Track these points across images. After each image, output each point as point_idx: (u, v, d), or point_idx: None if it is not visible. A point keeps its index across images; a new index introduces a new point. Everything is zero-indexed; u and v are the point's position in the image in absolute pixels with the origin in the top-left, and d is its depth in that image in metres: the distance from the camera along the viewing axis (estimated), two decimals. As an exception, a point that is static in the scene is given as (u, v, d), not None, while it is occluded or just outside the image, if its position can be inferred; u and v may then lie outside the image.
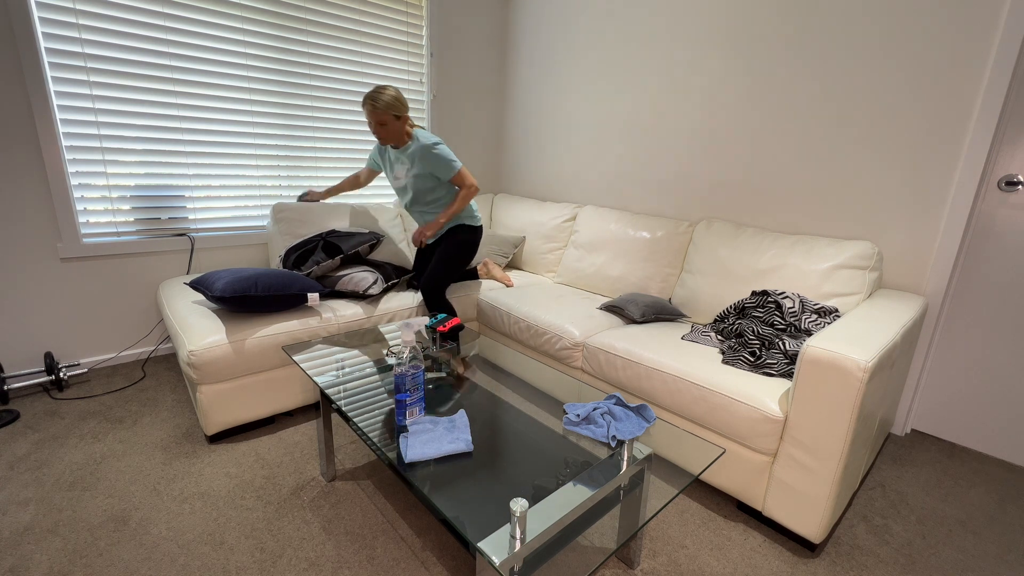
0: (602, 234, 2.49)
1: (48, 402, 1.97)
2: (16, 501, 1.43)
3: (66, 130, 2.03)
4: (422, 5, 2.90)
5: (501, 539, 0.86)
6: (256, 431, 1.84)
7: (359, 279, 2.06)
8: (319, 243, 2.15)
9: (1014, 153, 1.69)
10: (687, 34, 2.32)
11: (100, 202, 2.16)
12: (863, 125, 1.87)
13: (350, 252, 2.12)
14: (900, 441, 1.95)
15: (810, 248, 1.84)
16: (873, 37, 1.80)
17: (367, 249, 2.26)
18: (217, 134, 2.37)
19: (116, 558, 1.25)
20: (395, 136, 2.08)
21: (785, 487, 1.34)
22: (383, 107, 1.98)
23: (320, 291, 1.91)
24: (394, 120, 2.03)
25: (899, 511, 1.55)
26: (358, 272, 2.10)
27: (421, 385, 1.22)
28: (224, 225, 2.51)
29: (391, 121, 2.02)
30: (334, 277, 2.09)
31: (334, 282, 2.08)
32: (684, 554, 1.34)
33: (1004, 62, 1.58)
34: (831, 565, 1.32)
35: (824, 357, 1.24)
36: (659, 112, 2.49)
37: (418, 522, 1.41)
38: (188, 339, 1.64)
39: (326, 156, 2.74)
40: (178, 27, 2.17)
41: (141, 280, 2.32)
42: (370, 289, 2.04)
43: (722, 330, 1.82)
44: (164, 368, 2.31)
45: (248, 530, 1.36)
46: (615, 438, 1.17)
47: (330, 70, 2.64)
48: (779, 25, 2.02)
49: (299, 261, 2.09)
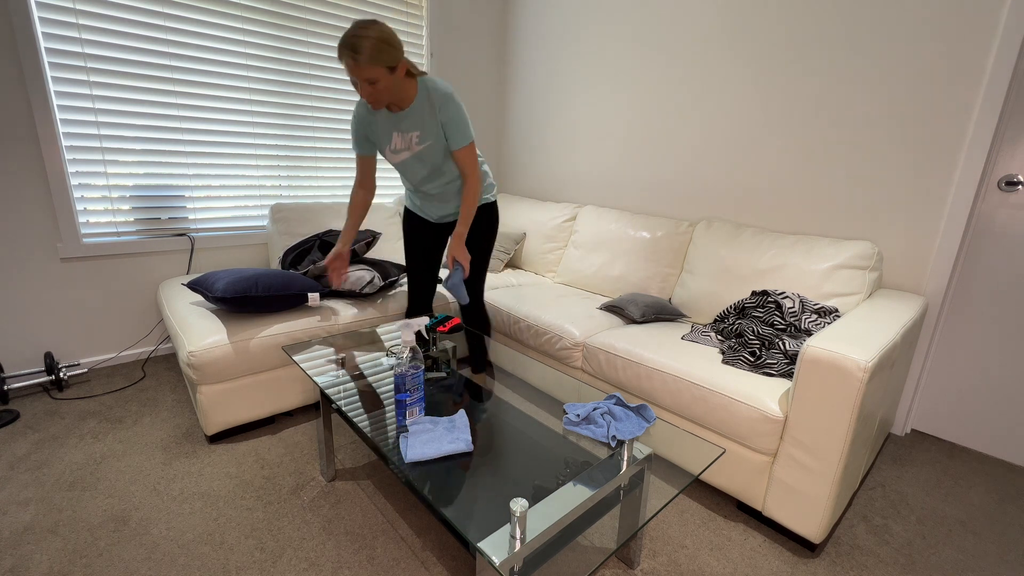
0: (602, 234, 2.49)
1: (48, 402, 1.97)
2: (16, 501, 1.43)
3: (66, 130, 2.03)
4: (422, 5, 2.90)
5: (501, 539, 0.86)
6: (256, 431, 1.84)
7: (356, 278, 2.04)
8: (316, 243, 2.14)
9: (1014, 153, 1.69)
10: (688, 35, 2.32)
11: (100, 202, 2.16)
12: (863, 125, 1.87)
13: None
14: (900, 441, 1.95)
15: (810, 248, 1.84)
16: (873, 37, 1.80)
17: (364, 247, 2.22)
18: (217, 134, 2.37)
19: (116, 558, 1.25)
20: (393, 94, 1.50)
21: (785, 487, 1.34)
22: (367, 60, 1.38)
23: (320, 291, 1.91)
24: (386, 74, 1.43)
25: (899, 511, 1.55)
26: (355, 271, 2.09)
27: (421, 385, 1.22)
28: (224, 225, 2.51)
29: (383, 76, 1.43)
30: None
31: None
32: (684, 554, 1.34)
33: (1004, 62, 1.57)
34: (831, 565, 1.32)
35: (824, 357, 1.24)
36: (659, 112, 2.49)
37: (418, 522, 1.41)
38: (188, 339, 1.64)
39: (326, 156, 2.74)
40: (178, 27, 2.17)
41: (141, 280, 2.32)
42: (366, 287, 2.03)
43: (722, 330, 1.82)
44: (164, 368, 2.31)
45: (248, 530, 1.36)
46: (615, 438, 1.17)
47: (330, 70, 2.64)
48: (779, 25, 2.02)
49: (296, 261, 2.08)
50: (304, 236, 2.40)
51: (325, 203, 2.55)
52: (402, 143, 1.64)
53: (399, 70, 1.46)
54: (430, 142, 1.61)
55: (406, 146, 1.64)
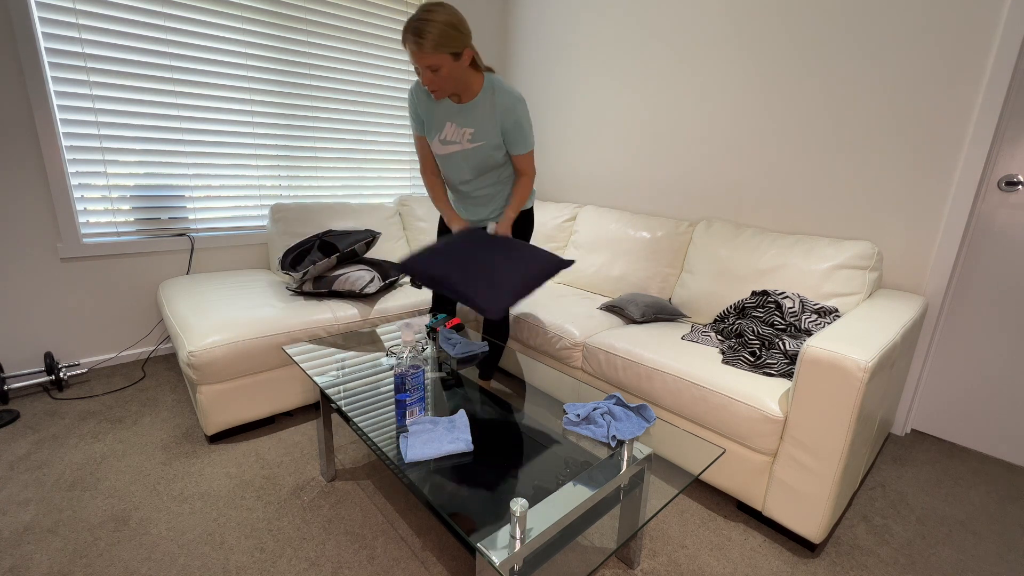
0: (602, 234, 2.49)
1: (48, 402, 1.97)
2: (16, 501, 1.43)
3: (66, 130, 2.03)
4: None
5: (501, 539, 0.86)
6: (256, 431, 1.84)
7: (355, 278, 2.04)
8: (316, 243, 2.13)
9: (1014, 153, 1.69)
10: (688, 34, 2.32)
11: (100, 202, 2.16)
12: (863, 125, 1.87)
13: (346, 250, 2.08)
14: (900, 441, 1.95)
15: (810, 248, 1.84)
16: (874, 37, 1.80)
17: (363, 247, 2.20)
18: (217, 134, 2.37)
19: (116, 558, 1.25)
20: (456, 83, 1.42)
21: (785, 487, 1.34)
22: (432, 47, 1.30)
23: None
24: (451, 61, 1.36)
25: (899, 511, 1.55)
26: (354, 271, 2.08)
27: (421, 385, 1.22)
28: (224, 225, 2.51)
29: (447, 64, 1.35)
30: (331, 277, 2.08)
31: (331, 282, 2.06)
32: (684, 554, 1.34)
33: (1004, 62, 1.57)
34: (831, 565, 1.32)
35: (824, 357, 1.24)
36: (660, 112, 2.49)
37: (418, 522, 1.41)
38: (188, 339, 1.64)
39: (326, 156, 2.75)
40: (178, 27, 2.17)
41: (141, 280, 2.32)
42: (367, 288, 2.03)
43: (722, 330, 1.82)
44: (164, 368, 2.31)
45: (248, 530, 1.36)
46: (615, 438, 1.17)
47: (330, 70, 2.64)
48: (779, 25, 2.02)
49: (296, 261, 2.08)
50: (304, 236, 2.40)
51: (325, 203, 2.55)
52: (454, 136, 1.56)
53: (464, 58, 1.38)
54: (482, 143, 1.54)
55: (457, 140, 1.56)
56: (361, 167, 2.90)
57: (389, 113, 2.93)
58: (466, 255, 1.38)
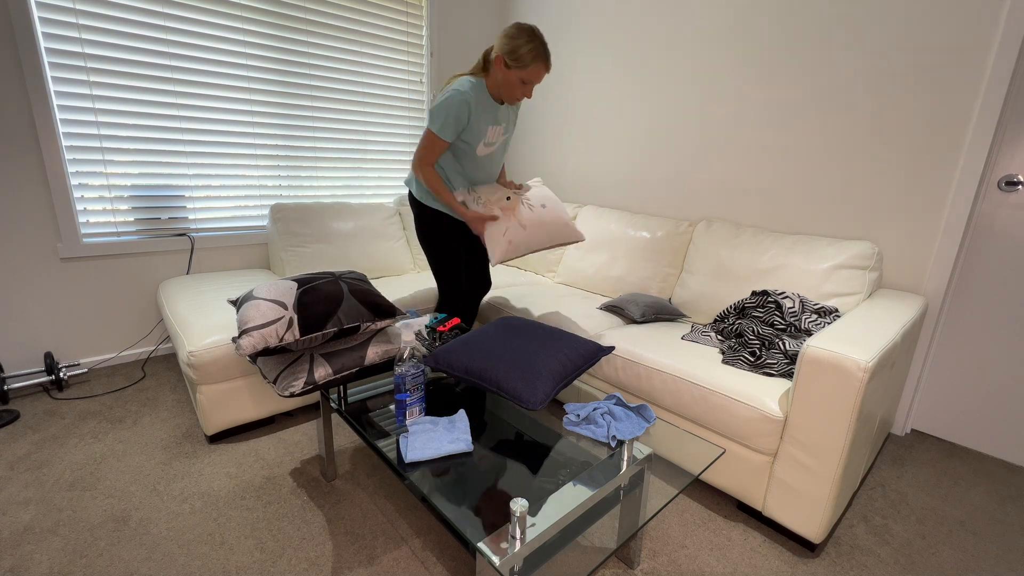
0: (602, 234, 2.49)
1: (48, 402, 1.97)
2: (16, 501, 1.43)
3: (66, 130, 2.03)
4: (422, 5, 2.90)
5: (501, 539, 0.86)
6: (256, 431, 1.84)
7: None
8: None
9: (1014, 153, 1.69)
10: (688, 35, 2.32)
11: (100, 202, 2.16)
12: (863, 125, 1.87)
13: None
14: (900, 441, 1.95)
15: (810, 248, 1.84)
16: (874, 37, 1.80)
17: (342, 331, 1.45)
18: (217, 134, 2.37)
19: (116, 558, 1.25)
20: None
21: (785, 487, 1.34)
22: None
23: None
24: None
25: (899, 511, 1.55)
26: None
27: (421, 385, 1.22)
28: (224, 225, 2.51)
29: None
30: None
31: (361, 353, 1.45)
32: (684, 554, 1.34)
33: (1004, 62, 1.57)
34: (831, 565, 1.32)
35: (824, 357, 1.24)
36: (660, 112, 2.49)
37: (418, 522, 1.41)
38: (188, 339, 1.64)
39: (326, 156, 2.74)
40: (178, 27, 2.17)
41: (141, 280, 2.32)
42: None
43: (722, 330, 1.82)
44: (164, 368, 2.31)
45: (248, 530, 1.36)
46: (615, 438, 1.17)
47: (330, 70, 2.64)
48: (780, 25, 2.02)
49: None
50: (304, 235, 2.40)
51: (325, 203, 2.55)
52: (494, 136, 1.70)
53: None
54: (509, 134, 1.73)
55: (495, 139, 1.71)
56: (361, 167, 2.90)
57: (389, 113, 2.93)
58: (500, 345, 1.32)
